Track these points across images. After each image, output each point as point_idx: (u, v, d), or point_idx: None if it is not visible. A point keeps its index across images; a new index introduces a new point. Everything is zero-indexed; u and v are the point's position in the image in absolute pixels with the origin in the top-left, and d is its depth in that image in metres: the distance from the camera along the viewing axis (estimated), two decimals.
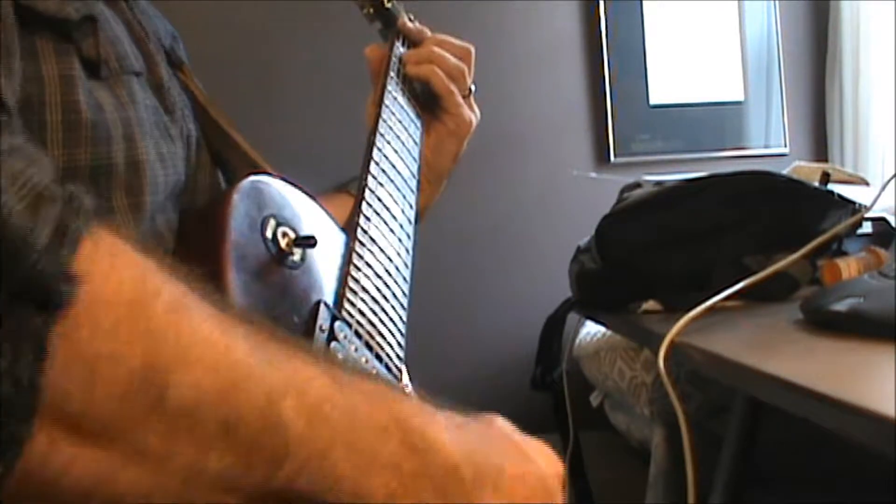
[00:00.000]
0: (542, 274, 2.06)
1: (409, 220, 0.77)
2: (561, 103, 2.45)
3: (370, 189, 0.72)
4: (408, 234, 0.76)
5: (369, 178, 0.73)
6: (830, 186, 1.14)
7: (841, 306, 0.77)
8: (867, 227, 1.14)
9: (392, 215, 0.74)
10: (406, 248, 0.74)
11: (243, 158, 0.67)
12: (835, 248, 1.07)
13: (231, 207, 0.54)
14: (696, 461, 0.81)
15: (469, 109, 0.92)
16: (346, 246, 0.66)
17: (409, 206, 0.78)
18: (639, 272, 1.09)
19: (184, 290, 0.34)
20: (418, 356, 0.70)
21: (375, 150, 0.77)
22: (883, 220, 1.15)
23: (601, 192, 1.60)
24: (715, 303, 0.88)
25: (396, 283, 0.69)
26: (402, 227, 0.75)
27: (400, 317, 0.68)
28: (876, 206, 1.06)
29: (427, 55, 0.90)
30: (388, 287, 0.68)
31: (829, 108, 2.54)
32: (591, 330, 1.91)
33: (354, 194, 0.73)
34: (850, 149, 2.45)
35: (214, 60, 1.93)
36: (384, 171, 0.76)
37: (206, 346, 0.33)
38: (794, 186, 1.10)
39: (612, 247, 1.10)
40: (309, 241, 0.58)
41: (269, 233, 0.56)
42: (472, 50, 0.92)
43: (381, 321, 0.64)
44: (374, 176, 0.74)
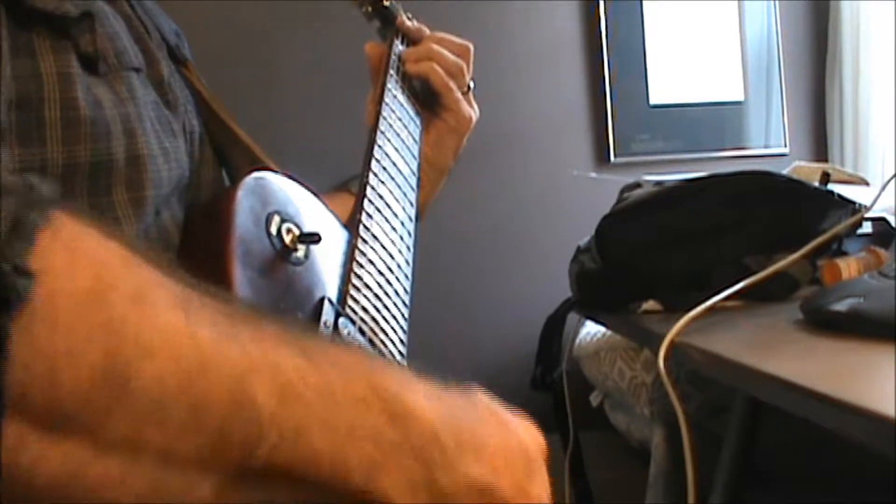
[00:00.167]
0: (542, 274, 2.06)
1: (409, 217, 0.77)
2: (561, 103, 2.45)
3: (371, 186, 0.72)
4: (409, 232, 0.76)
5: (370, 175, 0.73)
6: (830, 186, 1.14)
7: (841, 306, 0.76)
8: (867, 227, 1.14)
9: (393, 213, 0.74)
10: (407, 246, 0.74)
11: (246, 154, 0.68)
12: (835, 248, 1.07)
13: (236, 203, 0.54)
14: (696, 461, 0.81)
15: (468, 106, 0.92)
16: (348, 243, 0.66)
17: (410, 203, 0.79)
18: (639, 272, 1.09)
19: (148, 276, 0.33)
20: (418, 355, 0.70)
21: (376, 147, 0.77)
22: (883, 220, 1.15)
23: (601, 192, 1.60)
24: (715, 303, 0.88)
25: (398, 280, 0.69)
26: (403, 224, 0.75)
27: (402, 313, 0.68)
28: (876, 206, 1.06)
29: (426, 52, 0.91)
30: (390, 284, 0.68)
31: (829, 108, 2.54)
32: (591, 330, 1.91)
33: (355, 193, 0.73)
34: (850, 149, 2.45)
35: (215, 60, 1.92)
36: (385, 169, 0.76)
37: (169, 335, 0.32)
38: (794, 186, 1.10)
39: (612, 247, 1.10)
40: (313, 238, 0.58)
41: (273, 229, 0.56)
42: (471, 47, 0.93)
43: (383, 318, 0.64)
44: (375, 173, 0.74)
